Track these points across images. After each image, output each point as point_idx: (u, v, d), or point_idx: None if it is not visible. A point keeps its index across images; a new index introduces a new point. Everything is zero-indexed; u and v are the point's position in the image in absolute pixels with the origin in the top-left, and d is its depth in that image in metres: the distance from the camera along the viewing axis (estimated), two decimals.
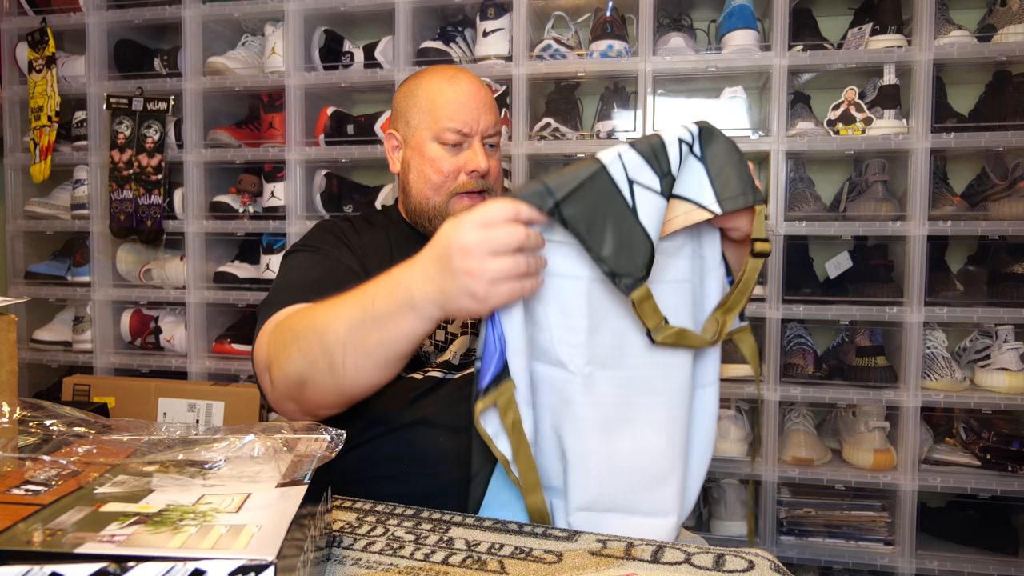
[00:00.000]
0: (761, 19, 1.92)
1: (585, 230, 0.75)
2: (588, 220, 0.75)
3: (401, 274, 0.80)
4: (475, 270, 0.73)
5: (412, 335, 0.81)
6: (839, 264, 1.91)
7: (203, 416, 1.96)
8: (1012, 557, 1.76)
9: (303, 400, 0.91)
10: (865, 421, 1.82)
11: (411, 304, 0.78)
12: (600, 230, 0.76)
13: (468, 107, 1.11)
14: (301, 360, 0.87)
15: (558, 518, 0.85)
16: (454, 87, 1.13)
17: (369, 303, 0.82)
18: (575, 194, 0.75)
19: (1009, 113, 1.75)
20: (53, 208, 2.30)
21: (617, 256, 0.76)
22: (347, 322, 0.84)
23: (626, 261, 0.76)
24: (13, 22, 2.26)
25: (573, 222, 0.75)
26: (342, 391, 0.88)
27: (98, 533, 0.49)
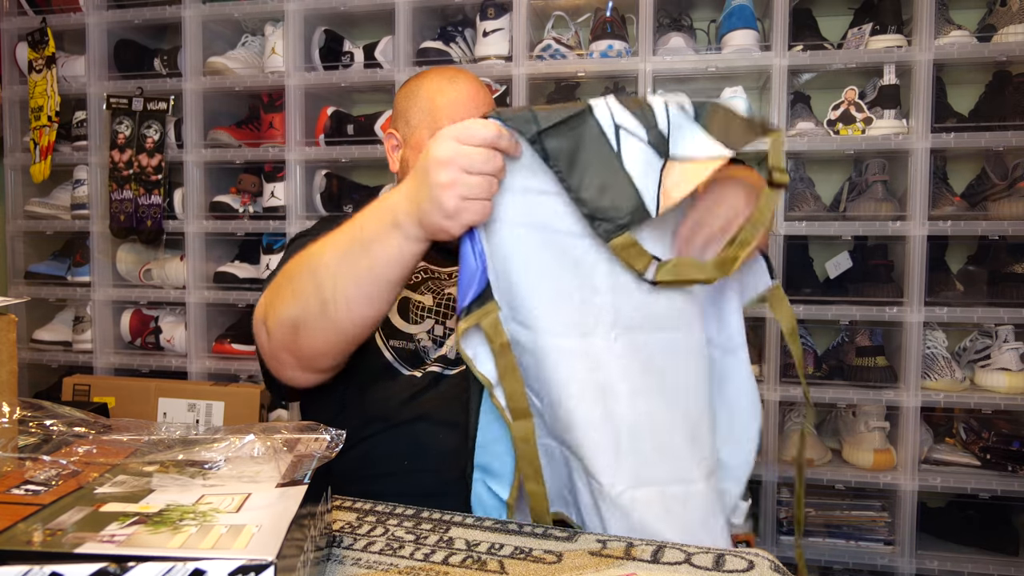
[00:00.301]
0: (761, 19, 1.92)
1: (566, 167, 0.74)
2: (570, 157, 0.74)
3: (389, 196, 0.81)
4: (446, 182, 0.73)
5: (400, 257, 0.80)
6: (839, 264, 1.91)
7: (203, 416, 1.96)
8: (1012, 557, 1.76)
9: (297, 348, 0.90)
10: (865, 421, 1.82)
11: (396, 223, 0.78)
12: (582, 169, 0.74)
13: (467, 107, 1.12)
14: (294, 302, 0.88)
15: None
16: (454, 87, 1.14)
17: (358, 230, 0.83)
18: (560, 127, 0.74)
19: (1009, 113, 1.75)
20: (53, 208, 2.30)
21: (598, 198, 0.74)
22: (337, 252, 0.84)
23: (607, 205, 0.74)
24: (13, 22, 2.26)
25: (555, 156, 0.74)
26: (334, 329, 0.87)
27: (98, 533, 0.49)
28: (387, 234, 0.79)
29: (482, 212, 0.75)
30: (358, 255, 0.82)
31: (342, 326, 0.86)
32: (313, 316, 0.86)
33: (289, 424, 0.71)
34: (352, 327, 0.87)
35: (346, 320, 0.85)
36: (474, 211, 0.74)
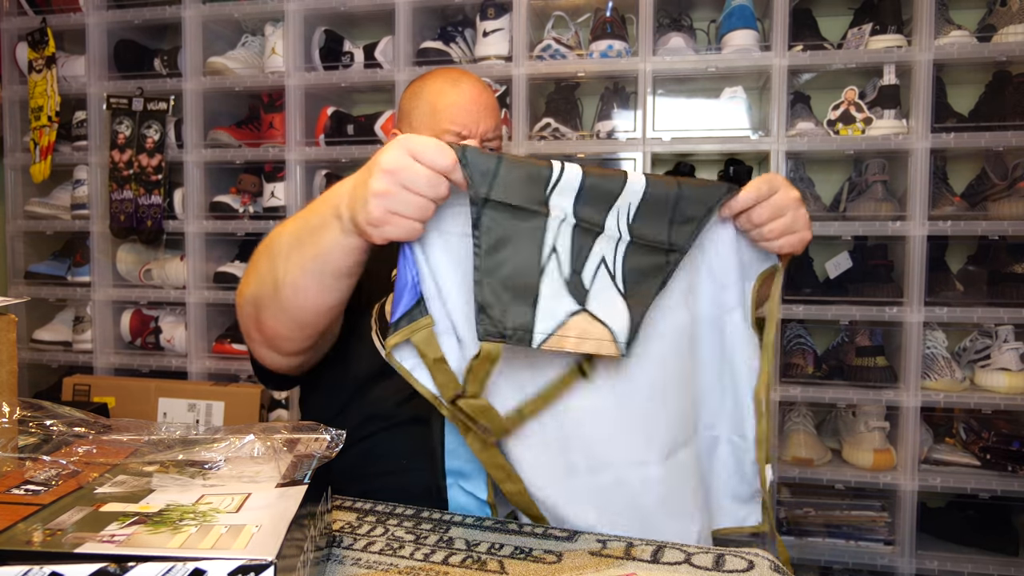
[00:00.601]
0: (761, 19, 1.92)
1: (486, 248, 0.73)
2: (496, 242, 0.73)
3: (341, 184, 0.79)
4: (380, 191, 0.70)
5: (339, 248, 0.78)
6: (839, 264, 1.91)
7: (203, 416, 1.96)
8: (1012, 557, 1.76)
9: (261, 328, 0.90)
10: (865, 421, 1.82)
11: (337, 213, 0.77)
12: (498, 261, 0.73)
13: (469, 110, 1.12)
14: (255, 281, 0.87)
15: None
16: (456, 90, 1.14)
17: (309, 214, 0.82)
18: (508, 209, 0.73)
19: (1009, 113, 1.75)
20: (53, 208, 2.30)
21: (494, 296, 0.73)
22: (291, 236, 0.83)
23: (497, 309, 0.73)
24: (13, 22, 2.26)
25: (485, 230, 0.72)
26: (285, 313, 0.86)
27: (98, 533, 0.49)
28: (328, 223, 0.78)
29: (407, 231, 0.72)
30: (305, 241, 0.81)
31: (292, 311, 0.85)
32: (268, 297, 0.86)
33: (289, 424, 0.71)
34: (301, 313, 0.86)
35: (294, 305, 0.85)
36: (398, 227, 0.72)
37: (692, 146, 1.91)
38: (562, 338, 0.74)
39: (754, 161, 2.03)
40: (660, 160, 2.05)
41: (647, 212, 0.79)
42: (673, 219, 0.80)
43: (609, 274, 0.78)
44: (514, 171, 0.73)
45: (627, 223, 0.78)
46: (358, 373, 1.03)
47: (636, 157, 1.89)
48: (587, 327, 0.76)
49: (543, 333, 0.74)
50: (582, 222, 0.76)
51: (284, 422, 0.96)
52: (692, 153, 1.98)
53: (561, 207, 0.75)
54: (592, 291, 0.77)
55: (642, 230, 0.79)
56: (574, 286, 0.76)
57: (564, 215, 0.75)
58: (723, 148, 1.91)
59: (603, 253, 0.78)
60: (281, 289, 0.83)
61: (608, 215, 0.77)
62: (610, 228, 0.77)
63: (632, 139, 1.91)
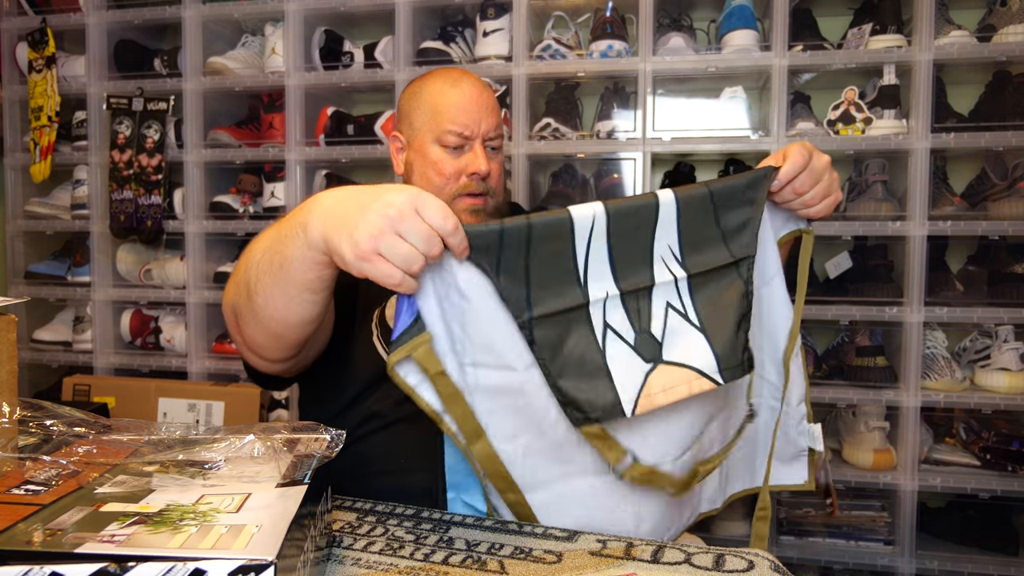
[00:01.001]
0: (761, 19, 1.92)
1: (549, 356, 0.75)
2: (554, 346, 0.75)
3: (318, 197, 0.78)
4: (375, 230, 0.69)
5: (299, 259, 0.77)
6: (839, 264, 1.91)
7: (203, 416, 1.96)
8: (1012, 557, 1.76)
9: (243, 335, 0.90)
10: (865, 421, 1.82)
11: (304, 224, 0.75)
12: (564, 360, 0.75)
13: (469, 110, 1.12)
14: (234, 288, 0.87)
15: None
16: (457, 90, 1.13)
17: (283, 223, 0.81)
18: (551, 318, 0.75)
19: (1009, 113, 1.75)
20: (53, 208, 2.30)
21: (575, 390, 0.75)
22: (264, 243, 0.83)
23: (583, 399, 0.75)
24: (13, 22, 2.26)
25: (540, 344, 0.74)
26: (258, 322, 0.85)
27: (98, 533, 0.49)
28: (295, 234, 0.77)
29: (385, 275, 0.70)
30: (275, 250, 0.80)
31: (263, 321, 0.85)
32: (243, 305, 0.85)
33: (289, 424, 0.71)
34: (272, 323, 0.85)
35: (265, 315, 0.84)
36: (378, 269, 0.70)
37: (692, 146, 1.91)
38: (649, 398, 0.77)
39: (754, 161, 2.03)
40: (660, 160, 2.05)
41: (692, 239, 0.80)
42: (724, 232, 0.81)
43: (680, 315, 0.79)
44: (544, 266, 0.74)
45: (678, 263, 0.80)
46: (358, 375, 1.03)
47: (636, 157, 1.89)
48: (668, 378, 0.78)
49: (630, 402, 0.76)
50: (627, 292, 0.78)
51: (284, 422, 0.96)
52: (692, 153, 1.98)
53: (601, 288, 0.77)
54: (666, 342, 0.79)
55: (697, 259, 0.80)
56: (643, 346, 0.78)
57: (606, 294, 0.77)
58: (723, 148, 1.91)
59: (667, 299, 0.79)
60: (253, 297, 0.83)
61: (654, 267, 0.79)
62: (661, 277, 0.79)
63: (632, 139, 1.91)
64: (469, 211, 1.12)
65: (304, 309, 0.82)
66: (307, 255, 0.76)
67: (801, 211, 0.88)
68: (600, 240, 0.76)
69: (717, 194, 0.81)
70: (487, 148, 1.14)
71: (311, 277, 0.79)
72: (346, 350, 1.03)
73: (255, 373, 1.00)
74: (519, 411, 0.77)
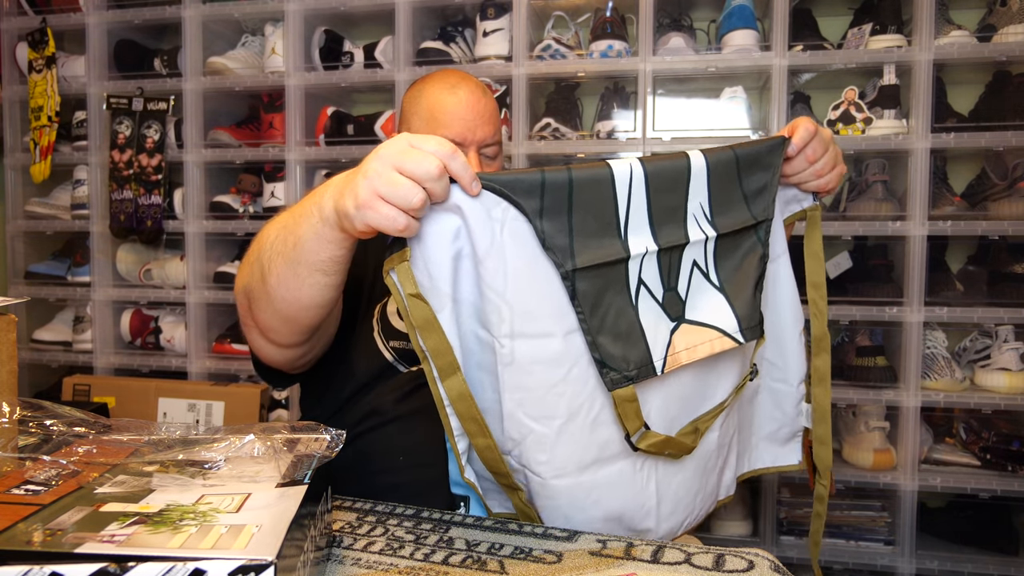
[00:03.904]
0: (761, 19, 1.92)
1: (589, 309, 0.74)
2: (595, 299, 0.74)
3: (336, 176, 0.78)
4: (371, 173, 0.69)
5: (315, 238, 0.77)
6: (839, 264, 1.91)
7: (203, 416, 1.96)
8: (1012, 557, 1.76)
9: (256, 319, 0.90)
10: (865, 421, 1.82)
11: (318, 203, 0.76)
12: (603, 313, 0.75)
13: (465, 118, 1.11)
14: (248, 270, 0.87)
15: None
16: (453, 97, 1.13)
17: (297, 206, 0.81)
18: (593, 269, 0.74)
19: (1009, 113, 1.75)
20: (53, 208, 2.30)
21: (611, 345, 0.75)
22: (277, 226, 0.83)
23: (619, 355, 0.75)
24: (13, 22, 2.26)
25: (582, 296, 0.74)
26: (271, 304, 0.85)
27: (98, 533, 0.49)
28: (309, 212, 0.77)
29: (386, 219, 0.68)
30: (289, 230, 0.80)
31: (276, 303, 0.85)
32: (257, 287, 0.86)
33: (289, 424, 0.71)
34: (285, 305, 0.85)
35: (278, 297, 0.84)
36: (380, 215, 0.68)
37: (692, 146, 1.90)
38: (674, 356, 0.77)
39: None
40: None
41: (721, 200, 0.80)
42: (746, 194, 0.82)
43: (703, 274, 0.80)
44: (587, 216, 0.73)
45: (708, 221, 0.80)
46: (358, 372, 1.03)
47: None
48: (691, 337, 0.78)
49: (660, 359, 0.76)
50: (664, 249, 0.78)
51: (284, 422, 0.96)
52: None
53: (641, 243, 0.76)
54: (688, 301, 0.79)
55: (724, 220, 0.81)
56: (670, 304, 0.79)
57: (645, 249, 0.77)
58: None
59: (694, 258, 0.80)
60: (267, 278, 0.83)
61: (687, 225, 0.79)
62: (694, 235, 0.79)
63: (632, 139, 1.91)
64: None
65: (316, 292, 0.82)
66: (321, 232, 0.76)
67: (811, 183, 0.88)
68: (640, 193, 0.76)
69: (742, 157, 0.82)
70: (482, 156, 1.14)
71: (324, 257, 0.78)
72: (347, 346, 1.03)
73: (262, 368, 1.00)
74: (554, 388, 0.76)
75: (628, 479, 0.81)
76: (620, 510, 0.80)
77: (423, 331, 0.74)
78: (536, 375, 0.75)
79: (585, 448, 0.78)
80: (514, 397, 0.76)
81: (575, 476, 0.78)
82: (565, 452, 0.77)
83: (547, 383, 0.76)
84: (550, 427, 0.76)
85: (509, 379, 0.75)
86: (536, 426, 0.76)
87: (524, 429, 0.76)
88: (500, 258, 0.72)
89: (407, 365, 1.05)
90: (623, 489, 0.81)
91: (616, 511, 0.80)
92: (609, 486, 0.80)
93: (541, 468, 0.77)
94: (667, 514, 0.84)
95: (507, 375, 0.75)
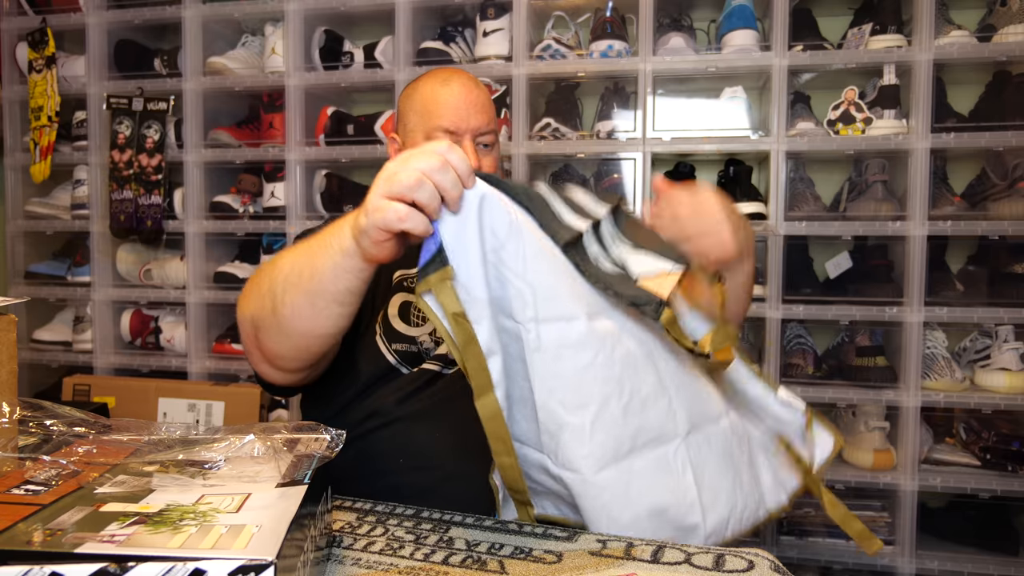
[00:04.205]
0: (761, 19, 1.92)
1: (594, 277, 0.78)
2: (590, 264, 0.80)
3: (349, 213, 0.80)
4: (377, 183, 0.71)
5: (335, 268, 0.78)
6: (839, 264, 1.91)
7: (203, 416, 1.96)
8: (1012, 557, 1.76)
9: (262, 347, 0.91)
10: (865, 421, 1.82)
11: (338, 232, 0.77)
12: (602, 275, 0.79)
13: (458, 107, 1.12)
14: (256, 301, 0.88)
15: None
16: (446, 89, 1.14)
17: (314, 239, 0.82)
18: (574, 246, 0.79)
19: (1009, 113, 1.75)
20: (53, 208, 2.30)
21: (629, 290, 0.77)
22: (292, 257, 0.84)
23: (635, 294, 0.77)
24: (13, 22, 2.26)
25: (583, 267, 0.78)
26: (284, 334, 0.86)
27: (98, 533, 0.49)
28: (333, 244, 0.78)
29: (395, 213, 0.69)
30: (305, 263, 0.81)
31: (290, 333, 0.86)
32: (267, 318, 0.86)
33: (289, 424, 0.70)
34: (299, 336, 0.86)
35: (292, 327, 0.85)
36: (387, 213, 0.69)
37: (692, 146, 1.91)
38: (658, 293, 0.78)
39: (754, 161, 2.03)
40: (660, 160, 2.05)
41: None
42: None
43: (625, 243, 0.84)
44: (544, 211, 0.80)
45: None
46: (360, 374, 1.03)
47: (636, 157, 1.90)
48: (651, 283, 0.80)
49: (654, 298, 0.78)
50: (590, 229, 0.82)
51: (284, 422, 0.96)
52: (692, 153, 1.98)
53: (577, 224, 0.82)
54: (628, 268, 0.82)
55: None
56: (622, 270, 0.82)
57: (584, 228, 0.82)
58: (723, 148, 1.91)
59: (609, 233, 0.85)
60: (280, 308, 0.84)
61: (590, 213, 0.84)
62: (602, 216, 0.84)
63: (632, 139, 1.91)
64: None
65: (331, 321, 0.84)
66: (340, 262, 0.77)
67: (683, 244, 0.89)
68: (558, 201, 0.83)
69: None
70: (478, 145, 1.14)
71: (341, 287, 0.79)
72: (350, 349, 1.03)
73: (264, 382, 1.01)
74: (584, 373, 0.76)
75: (666, 468, 0.80)
76: (664, 503, 0.79)
77: (465, 351, 0.74)
78: (565, 360, 0.76)
79: (618, 439, 0.78)
80: (545, 385, 0.76)
81: (614, 466, 0.77)
82: (602, 442, 0.77)
83: (576, 368, 0.76)
84: (584, 417, 0.76)
85: (539, 366, 0.75)
86: (570, 418, 0.76)
87: (560, 420, 0.76)
88: (519, 240, 0.74)
89: (409, 367, 1.05)
90: (663, 478, 0.80)
91: (661, 504, 0.79)
92: (649, 475, 0.79)
93: (582, 463, 0.76)
94: (710, 503, 0.82)
95: (537, 361, 0.75)
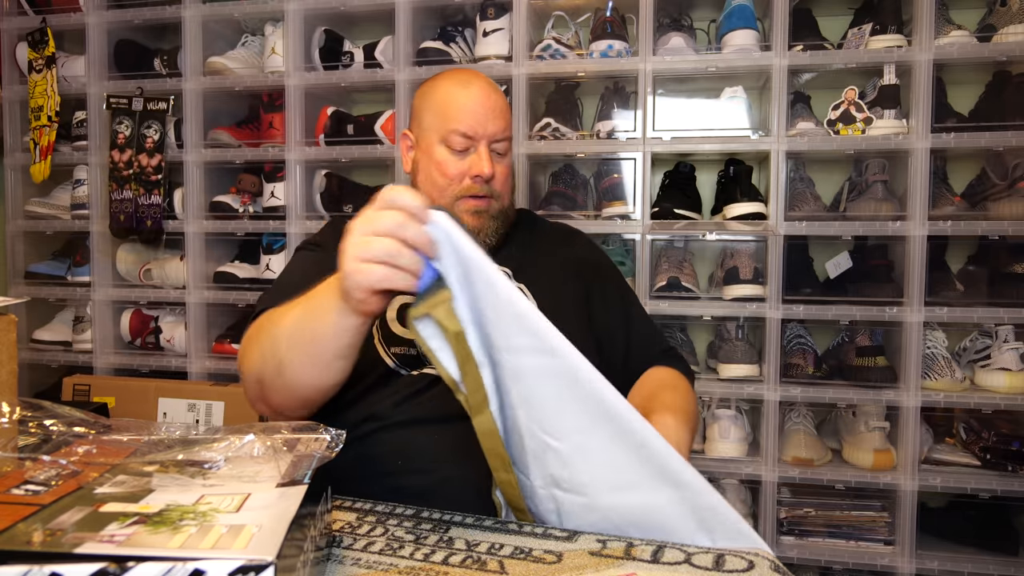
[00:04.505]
0: (761, 19, 1.92)
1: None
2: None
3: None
4: (348, 247, 0.71)
5: (335, 330, 0.79)
6: (839, 264, 1.91)
7: (203, 416, 1.96)
8: (1012, 557, 1.76)
9: (267, 400, 0.93)
10: (865, 421, 1.82)
11: (332, 292, 0.78)
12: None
13: (476, 112, 1.12)
14: (259, 360, 0.90)
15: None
16: (465, 92, 1.13)
17: (312, 297, 0.83)
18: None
19: (1009, 113, 1.75)
20: (53, 208, 2.30)
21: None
22: (293, 318, 0.85)
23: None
24: (13, 22, 2.26)
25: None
26: (289, 391, 0.89)
27: (98, 533, 0.49)
28: (325, 306, 0.79)
29: (379, 277, 0.70)
30: (305, 324, 0.83)
31: (296, 390, 0.88)
32: (272, 376, 0.88)
33: (289, 424, 0.70)
34: (306, 391, 0.89)
35: (298, 384, 0.87)
36: (368, 276, 0.70)
37: (692, 146, 1.91)
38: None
39: (754, 161, 2.03)
40: (660, 160, 2.05)
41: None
42: None
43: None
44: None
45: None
46: (358, 377, 1.03)
47: (636, 157, 1.90)
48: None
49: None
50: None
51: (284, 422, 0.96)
52: (692, 153, 1.98)
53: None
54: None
55: None
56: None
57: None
58: (723, 148, 1.91)
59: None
60: (285, 367, 0.86)
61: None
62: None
63: (632, 139, 1.91)
64: (472, 212, 1.12)
65: (336, 374, 0.87)
66: (338, 322, 0.79)
67: None
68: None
69: None
70: (493, 151, 1.14)
71: (343, 344, 0.81)
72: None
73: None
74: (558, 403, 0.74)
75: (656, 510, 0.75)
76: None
77: (463, 369, 0.75)
78: (538, 390, 0.74)
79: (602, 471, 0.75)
80: (526, 412, 0.75)
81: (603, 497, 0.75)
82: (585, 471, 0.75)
83: (549, 397, 0.74)
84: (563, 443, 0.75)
85: (518, 393, 0.75)
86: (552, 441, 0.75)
87: (541, 443, 0.75)
88: (482, 272, 0.72)
89: (408, 370, 1.05)
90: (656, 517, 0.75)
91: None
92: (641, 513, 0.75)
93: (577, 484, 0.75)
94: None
95: (515, 389, 0.75)
